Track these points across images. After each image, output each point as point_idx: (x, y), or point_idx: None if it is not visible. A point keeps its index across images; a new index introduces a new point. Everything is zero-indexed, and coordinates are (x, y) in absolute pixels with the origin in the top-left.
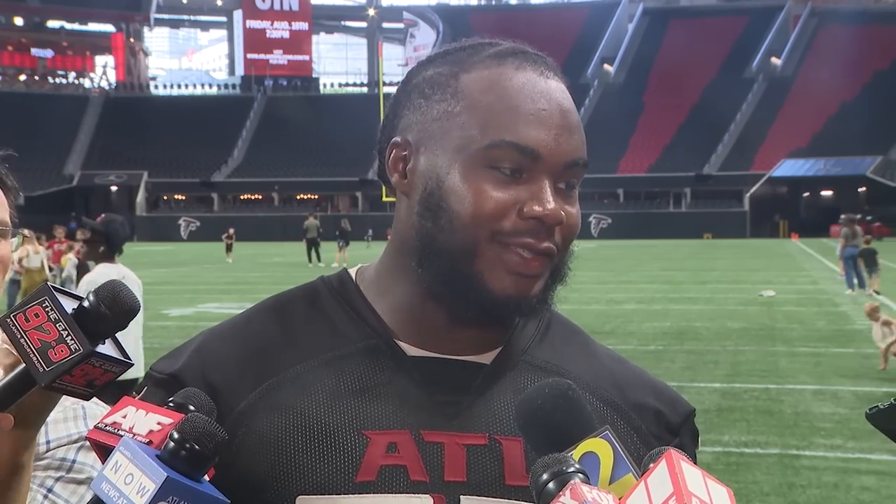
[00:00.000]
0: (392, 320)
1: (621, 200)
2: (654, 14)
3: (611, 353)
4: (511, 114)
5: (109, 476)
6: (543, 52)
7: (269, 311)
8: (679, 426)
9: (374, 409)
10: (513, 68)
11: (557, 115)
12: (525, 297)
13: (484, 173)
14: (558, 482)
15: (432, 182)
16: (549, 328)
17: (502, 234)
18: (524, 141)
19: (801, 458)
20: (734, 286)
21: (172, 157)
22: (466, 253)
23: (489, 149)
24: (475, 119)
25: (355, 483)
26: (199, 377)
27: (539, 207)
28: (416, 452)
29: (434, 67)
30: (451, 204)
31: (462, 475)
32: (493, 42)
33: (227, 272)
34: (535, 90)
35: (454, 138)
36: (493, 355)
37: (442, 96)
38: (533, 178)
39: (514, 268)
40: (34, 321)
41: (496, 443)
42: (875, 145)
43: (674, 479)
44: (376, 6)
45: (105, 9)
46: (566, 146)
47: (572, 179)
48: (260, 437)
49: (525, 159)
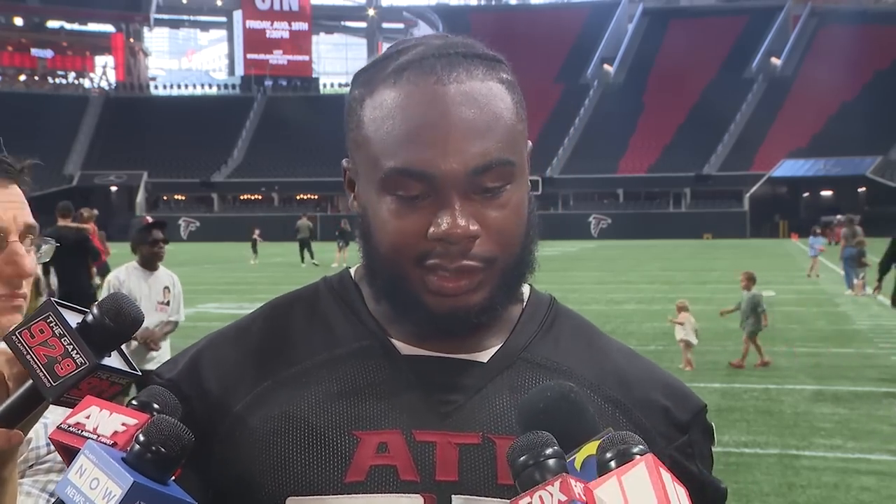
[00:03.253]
0: (386, 320)
1: (621, 200)
2: (654, 14)
3: (621, 347)
4: (397, 139)
5: (74, 480)
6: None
7: (270, 313)
8: (688, 424)
9: (365, 410)
10: (406, 84)
11: (449, 128)
12: (464, 310)
13: (389, 200)
14: (539, 468)
15: (361, 209)
16: (553, 324)
17: (420, 258)
18: (410, 165)
19: (800, 458)
20: (734, 286)
21: (172, 157)
22: (397, 278)
23: (386, 178)
24: (372, 148)
25: (344, 483)
26: (196, 382)
27: (440, 228)
28: (407, 452)
29: (354, 88)
30: (374, 232)
31: (454, 475)
32: (404, 48)
33: (227, 272)
34: (428, 105)
35: (364, 168)
36: (490, 353)
37: (353, 124)
38: (437, 198)
39: (438, 290)
40: (39, 337)
41: (490, 442)
42: (875, 145)
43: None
44: (376, 6)
45: (105, 9)
46: (465, 156)
47: (491, 184)
48: (255, 439)
49: (419, 183)
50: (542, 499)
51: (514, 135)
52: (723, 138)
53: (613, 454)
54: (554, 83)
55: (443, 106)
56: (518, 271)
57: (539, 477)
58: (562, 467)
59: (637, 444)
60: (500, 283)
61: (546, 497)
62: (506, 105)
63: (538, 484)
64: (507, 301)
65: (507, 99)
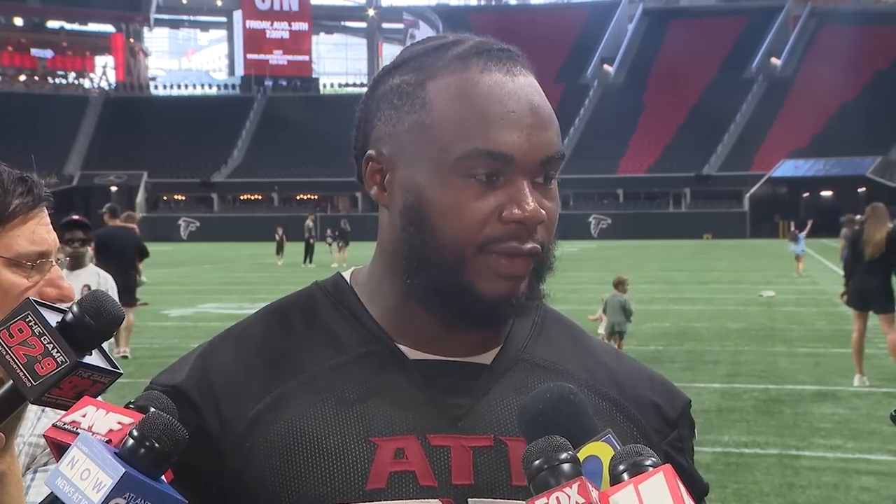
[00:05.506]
0: (389, 324)
1: (621, 200)
2: (654, 14)
3: (605, 346)
4: (480, 121)
5: (65, 472)
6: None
7: (269, 319)
8: (676, 419)
9: (379, 415)
10: (478, 71)
11: (527, 115)
12: (514, 296)
13: (461, 183)
14: (554, 472)
15: (411, 196)
16: (544, 325)
17: (487, 243)
18: (497, 147)
19: (800, 458)
20: (734, 286)
21: (172, 157)
22: (455, 265)
23: (463, 159)
24: (446, 129)
25: (366, 491)
26: (206, 387)
27: (518, 210)
28: (424, 457)
29: (400, 75)
30: (433, 218)
31: (469, 478)
32: (456, 40)
33: (227, 272)
34: (503, 92)
35: (427, 150)
36: (492, 355)
37: (411, 107)
38: (510, 181)
39: (502, 272)
40: (18, 336)
41: (502, 444)
42: (875, 145)
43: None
44: (376, 6)
45: (105, 9)
46: (539, 144)
47: (550, 173)
48: (269, 447)
49: (499, 164)
50: (559, 500)
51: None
52: (723, 138)
53: (626, 466)
54: (554, 83)
55: (518, 94)
56: (550, 266)
57: (554, 482)
58: (577, 472)
59: (650, 456)
60: (537, 274)
61: (563, 499)
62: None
63: (552, 488)
64: (537, 293)
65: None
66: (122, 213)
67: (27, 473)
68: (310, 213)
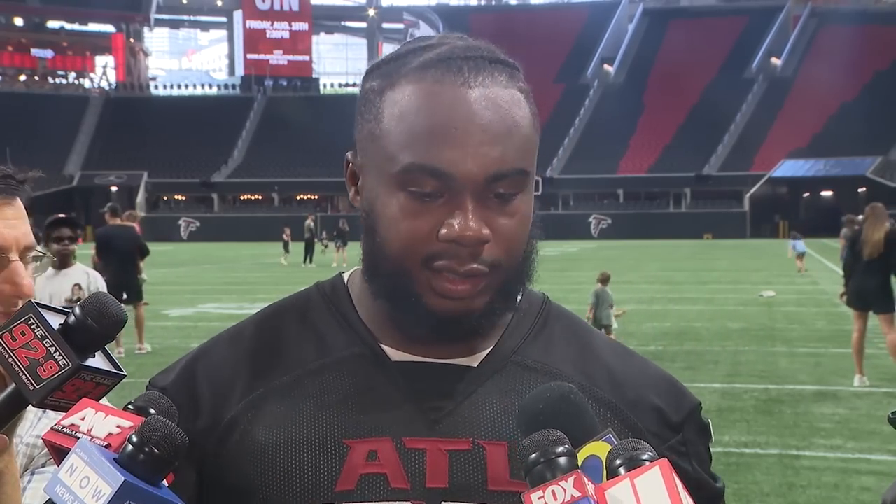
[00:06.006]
0: (377, 326)
1: (621, 200)
2: (654, 14)
3: (614, 346)
4: (421, 135)
5: (64, 479)
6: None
7: (262, 321)
8: (680, 423)
9: (355, 417)
10: (431, 82)
11: (474, 131)
12: (466, 314)
13: (401, 198)
14: (550, 466)
15: (367, 204)
16: (545, 325)
17: (429, 259)
18: (433, 162)
19: (801, 458)
20: (734, 286)
21: (172, 157)
22: (402, 277)
23: (402, 173)
24: (391, 142)
25: (335, 493)
26: (188, 391)
27: (453, 230)
28: (397, 459)
29: (370, 80)
30: (380, 229)
31: (444, 481)
32: (430, 45)
33: (227, 272)
34: (451, 105)
35: (377, 161)
36: (480, 356)
37: (369, 115)
38: (452, 199)
39: (443, 292)
40: (21, 339)
41: (480, 448)
42: (875, 145)
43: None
44: (376, 6)
45: (105, 9)
46: (484, 161)
47: (504, 191)
48: (246, 448)
49: (440, 181)
50: (555, 493)
51: (530, 145)
52: (723, 138)
53: (623, 461)
54: (554, 83)
55: (468, 108)
56: (518, 279)
57: (550, 475)
58: (573, 466)
59: (647, 451)
60: (501, 289)
61: (559, 492)
62: (524, 114)
63: (548, 481)
64: (505, 307)
65: (525, 108)
66: (123, 212)
67: (25, 475)
68: (310, 213)
